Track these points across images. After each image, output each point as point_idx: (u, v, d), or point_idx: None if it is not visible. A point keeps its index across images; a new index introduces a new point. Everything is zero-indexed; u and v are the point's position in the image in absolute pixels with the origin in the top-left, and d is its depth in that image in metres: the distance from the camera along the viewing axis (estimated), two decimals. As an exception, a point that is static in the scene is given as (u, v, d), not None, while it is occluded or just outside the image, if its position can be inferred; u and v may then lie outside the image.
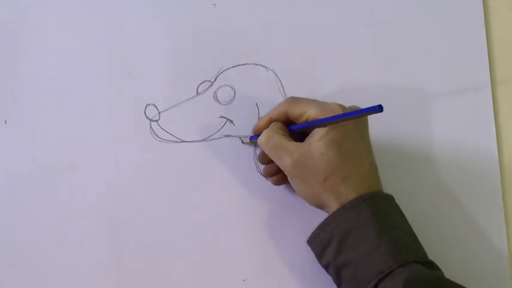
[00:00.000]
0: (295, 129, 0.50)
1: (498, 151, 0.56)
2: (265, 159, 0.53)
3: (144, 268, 0.53)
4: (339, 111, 0.48)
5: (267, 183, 0.55)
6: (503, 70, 0.58)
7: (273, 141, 0.49)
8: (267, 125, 0.51)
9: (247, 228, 0.54)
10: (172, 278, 0.52)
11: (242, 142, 0.55)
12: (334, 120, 0.47)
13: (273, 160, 0.50)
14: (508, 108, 0.58)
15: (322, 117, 0.48)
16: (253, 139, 0.54)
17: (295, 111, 0.50)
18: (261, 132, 0.51)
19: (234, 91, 0.56)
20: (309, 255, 0.51)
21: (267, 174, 0.54)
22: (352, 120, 0.48)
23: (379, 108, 0.43)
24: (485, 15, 0.59)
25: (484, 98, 0.57)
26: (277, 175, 0.53)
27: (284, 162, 0.48)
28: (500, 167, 0.56)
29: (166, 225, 0.53)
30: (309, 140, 0.48)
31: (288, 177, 0.49)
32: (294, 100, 0.51)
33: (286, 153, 0.48)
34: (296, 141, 0.49)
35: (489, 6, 0.60)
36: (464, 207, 0.55)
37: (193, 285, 0.52)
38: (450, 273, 0.46)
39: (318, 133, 0.47)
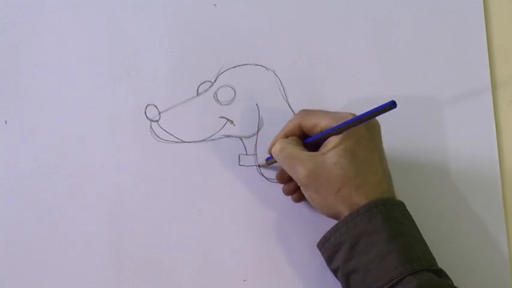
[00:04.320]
0: (310, 141, 0.50)
1: (499, 154, 0.56)
2: (283, 178, 0.53)
3: (144, 268, 0.53)
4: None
5: (267, 184, 0.55)
6: (504, 73, 0.58)
7: (287, 151, 0.49)
8: None
9: (247, 229, 0.54)
10: (172, 278, 0.52)
11: (258, 166, 0.55)
12: (347, 125, 0.46)
13: (287, 171, 0.49)
14: (508, 110, 0.58)
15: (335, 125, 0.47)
16: (270, 159, 0.53)
17: (308, 123, 0.49)
18: None
19: (235, 91, 0.56)
20: (308, 255, 0.51)
21: (287, 193, 0.53)
22: (365, 128, 0.47)
23: (392, 104, 0.42)
24: (486, 18, 0.59)
25: (485, 101, 0.57)
26: (296, 193, 0.52)
27: (298, 172, 0.48)
28: (500, 170, 0.56)
29: (166, 225, 0.53)
30: (322, 149, 0.48)
31: (301, 188, 0.49)
32: (306, 112, 0.50)
33: (300, 163, 0.47)
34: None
35: (490, 9, 0.60)
36: (464, 210, 0.55)
37: (193, 285, 0.52)
38: (451, 275, 0.46)
39: (331, 142, 0.47)
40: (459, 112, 0.57)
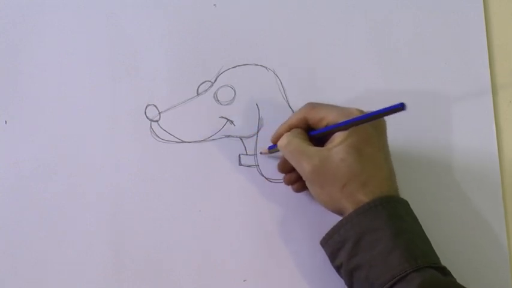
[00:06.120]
0: (316, 135, 0.50)
1: (499, 154, 0.56)
2: (284, 168, 0.53)
3: (144, 268, 0.53)
4: (358, 115, 0.47)
5: (267, 184, 0.55)
6: (504, 73, 0.58)
7: (293, 145, 0.48)
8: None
9: (247, 229, 0.54)
10: (172, 278, 0.53)
11: (260, 153, 0.55)
12: (353, 122, 0.46)
13: (292, 164, 0.49)
14: (508, 110, 0.58)
15: (342, 121, 0.47)
16: (272, 148, 0.53)
17: (314, 116, 0.49)
18: None
19: (235, 91, 0.56)
20: (308, 255, 0.51)
21: (288, 182, 0.53)
22: (371, 126, 0.47)
23: (401, 106, 0.42)
24: (486, 18, 0.59)
25: (485, 101, 0.57)
26: (297, 183, 0.52)
27: (303, 167, 0.48)
28: (500, 170, 0.56)
29: (166, 225, 0.53)
30: (328, 145, 0.48)
31: (306, 182, 0.49)
32: (313, 106, 0.50)
33: (306, 158, 0.47)
34: (316, 146, 0.48)
35: (490, 9, 0.60)
36: (464, 210, 0.55)
37: (193, 285, 0.52)
38: (451, 271, 0.46)
39: (337, 138, 0.47)
40: (459, 112, 0.57)
